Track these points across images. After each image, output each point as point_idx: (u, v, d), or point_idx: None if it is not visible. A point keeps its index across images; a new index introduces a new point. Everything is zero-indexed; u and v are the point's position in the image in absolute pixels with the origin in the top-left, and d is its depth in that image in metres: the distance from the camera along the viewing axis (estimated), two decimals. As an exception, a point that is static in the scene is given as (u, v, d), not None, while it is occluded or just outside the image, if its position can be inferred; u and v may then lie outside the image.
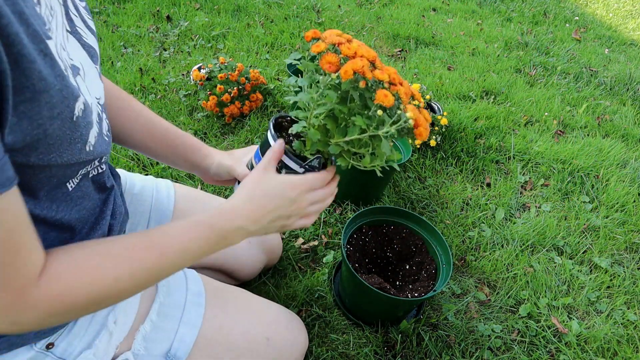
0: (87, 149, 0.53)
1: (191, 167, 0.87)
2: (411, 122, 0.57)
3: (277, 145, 0.66)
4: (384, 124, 0.58)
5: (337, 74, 0.58)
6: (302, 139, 0.70)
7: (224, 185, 0.89)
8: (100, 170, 0.64)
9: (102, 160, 0.63)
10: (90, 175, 0.62)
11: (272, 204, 0.63)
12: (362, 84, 0.58)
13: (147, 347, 0.70)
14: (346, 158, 0.64)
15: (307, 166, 0.67)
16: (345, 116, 0.62)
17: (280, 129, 0.74)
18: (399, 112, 0.58)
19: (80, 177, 0.59)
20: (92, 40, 0.60)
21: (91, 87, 0.56)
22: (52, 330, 0.62)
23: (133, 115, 0.81)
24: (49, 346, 0.62)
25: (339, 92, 0.60)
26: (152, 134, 0.82)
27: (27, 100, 0.42)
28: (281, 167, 0.67)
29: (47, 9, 0.49)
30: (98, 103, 0.58)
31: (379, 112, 0.58)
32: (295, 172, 0.67)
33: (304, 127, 0.64)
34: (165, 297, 0.74)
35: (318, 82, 0.60)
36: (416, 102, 0.65)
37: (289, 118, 0.77)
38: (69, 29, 0.55)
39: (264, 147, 0.70)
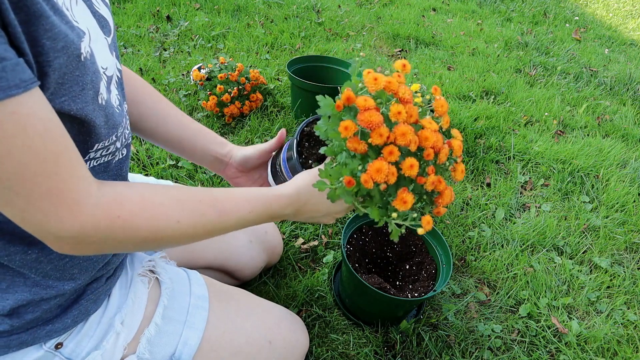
0: (100, 101, 0.52)
1: (212, 160, 0.87)
2: (421, 230, 0.58)
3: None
4: (397, 217, 0.59)
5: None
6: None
7: (244, 174, 0.89)
8: (121, 156, 0.64)
9: (120, 139, 0.62)
10: (110, 159, 0.61)
11: (316, 203, 0.70)
12: (382, 188, 0.57)
13: (152, 350, 0.70)
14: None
15: None
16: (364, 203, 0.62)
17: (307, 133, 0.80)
18: (414, 215, 0.58)
19: (100, 156, 0.58)
20: (104, 11, 0.59)
21: (97, 55, 0.54)
22: (63, 330, 0.62)
23: (162, 115, 0.82)
24: (58, 346, 0.63)
25: (357, 195, 0.60)
26: (180, 134, 0.84)
27: (23, 22, 0.41)
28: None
29: None
30: (104, 73, 0.57)
31: (394, 214, 0.58)
32: None
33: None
34: (169, 300, 0.74)
35: (345, 161, 0.59)
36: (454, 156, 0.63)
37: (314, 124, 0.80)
38: None
39: (289, 150, 0.77)
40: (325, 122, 0.61)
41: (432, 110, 0.66)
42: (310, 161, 0.78)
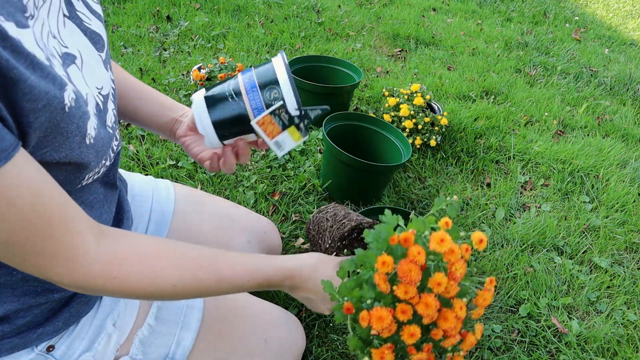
0: (88, 141, 0.52)
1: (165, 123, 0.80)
2: None
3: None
4: None
5: None
6: None
7: (195, 134, 0.79)
8: (108, 163, 0.63)
9: (109, 155, 0.61)
10: (97, 176, 0.61)
11: (315, 285, 0.69)
12: (372, 332, 0.55)
13: (145, 351, 0.70)
14: None
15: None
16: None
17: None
18: None
19: (89, 178, 0.58)
20: (96, 26, 0.58)
21: (90, 76, 0.54)
22: (54, 332, 0.62)
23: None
24: (50, 349, 0.62)
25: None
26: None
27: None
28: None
29: None
30: (99, 93, 0.56)
31: (365, 358, 0.57)
32: None
33: None
34: (162, 302, 0.74)
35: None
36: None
37: None
38: (67, 13, 0.52)
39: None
40: (375, 238, 0.59)
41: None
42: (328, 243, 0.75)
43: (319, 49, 2.60)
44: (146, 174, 1.55)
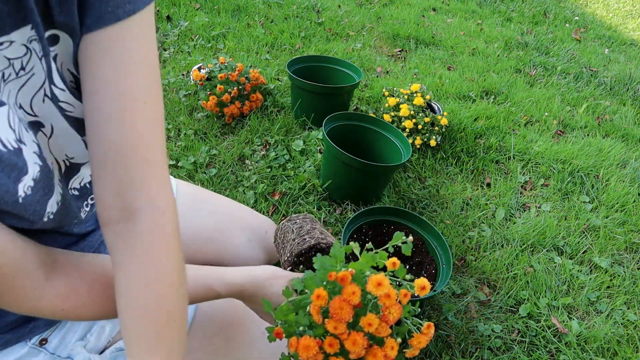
0: (45, 219, 0.51)
1: None
2: None
3: None
4: None
5: None
6: None
7: None
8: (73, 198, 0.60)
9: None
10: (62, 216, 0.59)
11: (260, 303, 0.70)
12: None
13: None
14: None
15: None
16: None
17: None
18: None
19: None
20: (81, 112, 0.52)
21: (60, 146, 0.52)
22: (46, 326, 0.62)
23: None
24: (42, 342, 0.63)
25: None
26: None
27: None
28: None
29: (12, 68, 0.44)
30: (68, 159, 0.55)
31: None
32: None
33: None
34: None
35: None
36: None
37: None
38: (49, 95, 0.49)
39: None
40: (321, 267, 0.60)
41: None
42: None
43: (319, 49, 2.60)
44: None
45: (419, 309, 1.18)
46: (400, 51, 2.78)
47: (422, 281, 0.59)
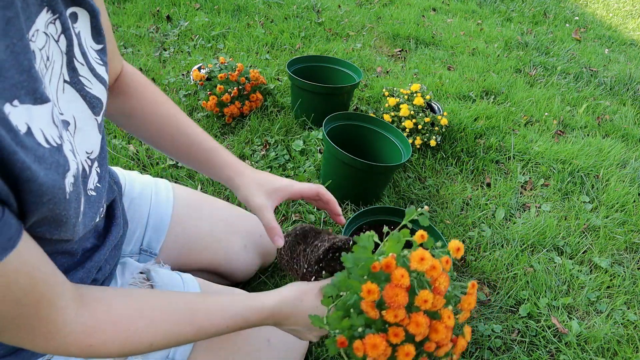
0: (81, 217, 0.53)
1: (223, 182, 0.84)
2: None
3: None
4: None
5: None
6: None
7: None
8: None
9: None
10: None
11: (297, 320, 0.68)
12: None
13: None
14: None
15: None
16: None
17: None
18: None
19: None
20: (98, 90, 0.57)
21: (82, 142, 0.54)
22: None
23: (169, 132, 0.82)
24: None
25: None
26: (179, 148, 0.83)
27: (11, 186, 0.40)
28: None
29: (42, 61, 0.45)
30: (88, 157, 0.57)
31: None
32: None
33: None
34: None
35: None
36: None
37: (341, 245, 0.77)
38: (67, 79, 0.52)
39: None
40: (355, 263, 0.59)
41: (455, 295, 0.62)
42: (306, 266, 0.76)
43: (319, 49, 2.60)
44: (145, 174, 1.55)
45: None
46: (400, 51, 2.78)
47: (455, 243, 0.59)
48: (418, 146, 1.81)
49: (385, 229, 0.62)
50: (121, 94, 0.77)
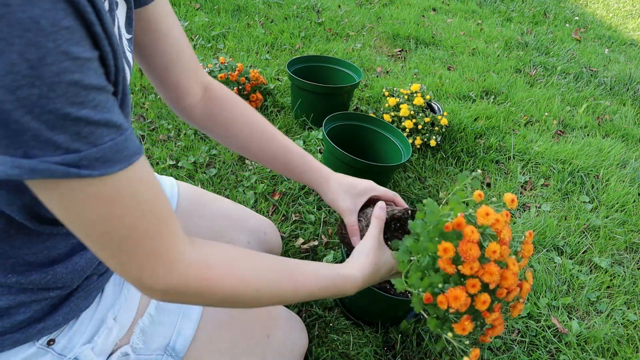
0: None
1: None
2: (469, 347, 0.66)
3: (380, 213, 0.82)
4: (452, 337, 0.65)
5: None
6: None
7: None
8: None
9: None
10: None
11: (380, 273, 0.77)
12: (451, 311, 0.62)
13: (146, 340, 0.70)
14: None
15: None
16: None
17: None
18: (466, 343, 0.66)
19: None
20: (128, 72, 0.61)
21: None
22: (54, 327, 0.62)
23: (256, 138, 0.87)
24: (50, 342, 0.63)
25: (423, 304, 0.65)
26: (270, 154, 0.88)
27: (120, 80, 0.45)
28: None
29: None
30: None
31: (449, 334, 0.65)
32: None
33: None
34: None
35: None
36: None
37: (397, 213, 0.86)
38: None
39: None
40: (424, 227, 0.65)
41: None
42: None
43: (319, 49, 2.60)
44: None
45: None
46: (400, 51, 2.78)
47: (509, 195, 0.66)
48: (418, 146, 1.81)
49: (427, 200, 0.70)
50: (216, 106, 0.84)
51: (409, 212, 0.85)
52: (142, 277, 0.49)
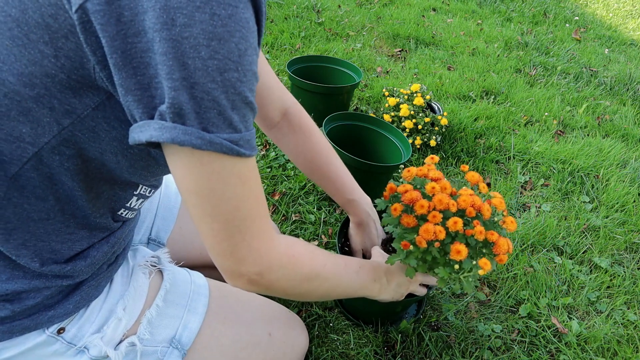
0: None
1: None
2: (481, 271, 0.73)
3: None
4: (463, 271, 0.73)
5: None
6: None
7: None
8: None
9: None
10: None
11: (402, 289, 0.88)
12: (436, 245, 0.70)
13: (152, 332, 0.71)
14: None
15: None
16: (431, 264, 0.77)
17: None
18: (472, 262, 0.72)
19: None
20: None
21: None
22: (65, 315, 0.63)
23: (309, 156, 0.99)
24: (60, 331, 0.64)
25: (418, 258, 0.75)
26: (322, 175, 1.01)
27: None
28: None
29: None
30: None
31: (455, 266, 0.72)
32: None
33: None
34: (171, 285, 0.76)
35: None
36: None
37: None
38: None
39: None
40: (386, 203, 0.80)
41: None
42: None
43: (319, 49, 2.60)
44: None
45: (415, 307, 1.18)
46: (400, 51, 2.78)
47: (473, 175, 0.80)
48: (418, 146, 1.81)
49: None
50: (285, 135, 0.96)
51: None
52: (247, 257, 0.55)
